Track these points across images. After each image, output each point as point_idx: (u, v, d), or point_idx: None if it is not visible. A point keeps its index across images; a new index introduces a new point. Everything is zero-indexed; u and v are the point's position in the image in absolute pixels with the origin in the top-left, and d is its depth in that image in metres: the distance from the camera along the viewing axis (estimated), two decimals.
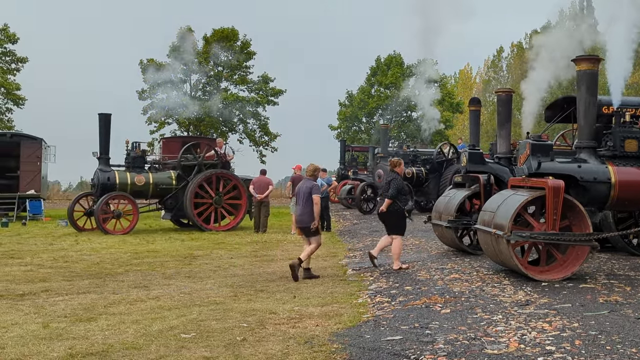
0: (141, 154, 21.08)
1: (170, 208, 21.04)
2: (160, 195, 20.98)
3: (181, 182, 20.73)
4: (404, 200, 11.57)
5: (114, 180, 19.90)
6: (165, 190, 20.75)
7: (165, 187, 20.71)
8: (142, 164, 21.05)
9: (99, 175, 19.89)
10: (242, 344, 6.42)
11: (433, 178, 26.66)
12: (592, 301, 8.00)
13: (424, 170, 27.09)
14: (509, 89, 13.84)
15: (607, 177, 10.15)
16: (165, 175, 20.93)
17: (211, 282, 10.46)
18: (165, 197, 20.86)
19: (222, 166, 21.22)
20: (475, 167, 13.31)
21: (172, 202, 20.87)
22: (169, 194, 20.77)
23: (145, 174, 20.66)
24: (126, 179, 20.15)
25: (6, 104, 38.14)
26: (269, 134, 45.47)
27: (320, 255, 13.88)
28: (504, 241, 9.31)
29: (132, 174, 20.35)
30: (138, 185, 20.21)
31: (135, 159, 20.81)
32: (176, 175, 20.86)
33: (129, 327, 7.23)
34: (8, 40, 37.04)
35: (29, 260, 13.29)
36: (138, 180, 20.23)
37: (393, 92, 48.66)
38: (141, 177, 20.37)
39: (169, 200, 20.84)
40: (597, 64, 10.29)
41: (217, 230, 20.16)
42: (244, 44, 44.62)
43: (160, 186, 20.63)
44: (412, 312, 7.63)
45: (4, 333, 6.97)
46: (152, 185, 20.52)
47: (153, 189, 20.58)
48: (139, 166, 20.87)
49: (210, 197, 20.53)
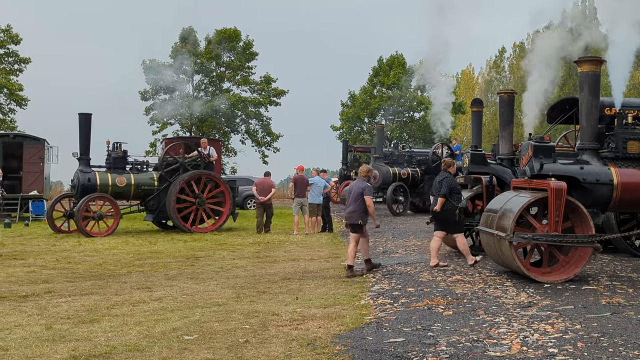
0: (122, 154, 20.56)
1: (152, 209, 20.63)
2: (142, 196, 20.59)
3: (163, 183, 20.42)
4: (457, 199, 11.65)
5: (94, 181, 19.51)
6: (147, 192, 20.37)
7: (147, 188, 20.33)
8: (124, 164, 20.62)
9: (79, 176, 19.47)
10: (244, 345, 6.43)
11: (429, 179, 26.43)
12: (594, 303, 8.01)
13: (419, 170, 27.11)
14: (511, 90, 13.84)
15: (610, 178, 10.15)
16: (147, 176, 20.55)
17: (214, 283, 10.47)
18: (147, 198, 20.47)
19: (205, 167, 20.91)
20: (477, 169, 13.30)
21: (153, 204, 20.48)
22: (151, 195, 20.39)
23: (127, 174, 20.26)
24: (107, 180, 19.78)
25: (9, 105, 38.20)
26: (271, 135, 45.48)
27: (322, 256, 13.91)
28: (507, 243, 9.32)
29: (113, 175, 19.98)
30: (119, 186, 19.83)
31: (117, 160, 20.39)
32: (158, 176, 20.53)
33: (131, 328, 7.24)
34: (11, 40, 37.08)
35: (32, 261, 13.31)
36: (119, 181, 19.86)
37: (395, 92, 48.64)
38: (122, 178, 19.99)
39: (150, 201, 20.46)
40: (599, 66, 10.29)
41: (199, 232, 19.81)
42: (247, 44, 44.65)
43: (142, 187, 20.25)
44: (414, 314, 7.64)
45: (7, 335, 6.99)
46: (134, 186, 20.13)
47: (134, 190, 20.19)
48: (120, 167, 20.45)
49: (194, 198, 20.22)
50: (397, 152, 27.68)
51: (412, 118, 50.33)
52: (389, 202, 25.30)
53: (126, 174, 20.29)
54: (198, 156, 20.97)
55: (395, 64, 49.89)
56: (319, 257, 13.72)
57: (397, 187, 25.72)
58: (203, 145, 21.43)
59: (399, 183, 25.97)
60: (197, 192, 20.20)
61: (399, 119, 50.51)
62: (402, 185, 26.08)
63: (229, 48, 44.38)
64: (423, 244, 15.17)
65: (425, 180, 26.74)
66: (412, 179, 26.75)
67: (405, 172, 26.70)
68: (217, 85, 44.98)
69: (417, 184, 27.05)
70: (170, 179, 20.37)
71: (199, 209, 20.31)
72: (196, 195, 20.19)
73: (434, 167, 26.54)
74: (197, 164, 20.85)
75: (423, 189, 26.88)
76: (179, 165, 20.57)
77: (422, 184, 26.94)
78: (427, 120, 48.06)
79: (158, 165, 20.84)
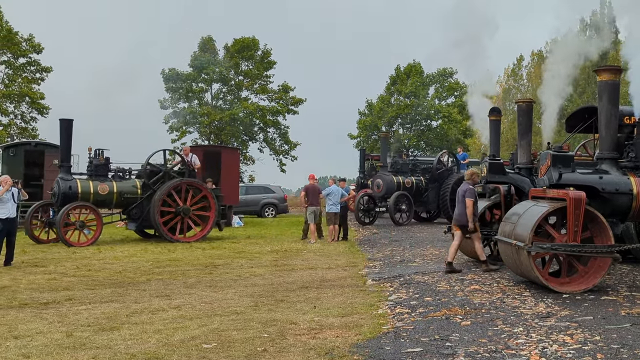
0: (104, 161, 20.01)
1: (135, 218, 20.08)
2: (125, 204, 20.07)
3: (146, 191, 19.96)
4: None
5: (75, 189, 18.98)
6: (129, 200, 19.88)
7: (130, 197, 19.85)
8: (106, 172, 20.08)
9: (60, 184, 18.97)
10: (262, 354, 6.46)
11: (433, 188, 26.27)
12: (614, 314, 7.96)
13: (424, 179, 26.67)
14: (530, 99, 13.77)
15: (629, 188, 10.09)
16: (130, 184, 20.10)
17: (232, 291, 10.52)
18: (130, 206, 19.97)
19: (189, 175, 20.54)
20: (495, 178, 13.25)
21: (137, 212, 19.97)
22: (134, 203, 19.89)
23: (109, 182, 19.77)
24: (89, 188, 19.27)
25: (31, 113, 38.64)
26: (289, 143, 45.68)
27: (339, 265, 13.92)
28: (525, 252, 9.28)
29: (95, 183, 19.48)
30: (101, 194, 19.35)
31: (98, 167, 19.87)
32: (141, 184, 20.08)
33: (151, 336, 7.30)
34: (33, 50, 37.55)
35: (52, 268, 13.45)
36: (101, 189, 19.37)
37: (413, 101, 48.61)
38: (104, 186, 19.51)
39: (133, 209, 19.95)
40: (618, 75, 10.25)
41: (183, 242, 19.33)
42: (265, 53, 44.92)
43: (125, 195, 19.78)
44: (432, 324, 7.64)
45: (28, 342, 7.08)
46: (116, 195, 19.64)
47: (117, 198, 19.70)
48: (102, 174, 19.93)
49: (178, 206, 19.77)
50: (401, 161, 27.17)
51: (430, 126, 50.25)
52: (391, 212, 24.79)
53: (108, 181, 19.84)
54: (182, 164, 20.59)
55: (413, 72, 49.89)
56: (336, 266, 13.74)
57: (400, 196, 25.14)
58: (185, 152, 21.08)
59: (401, 192, 25.37)
60: (178, 202, 19.74)
61: (417, 127, 50.46)
62: (406, 194, 25.50)
63: (247, 57, 44.67)
64: (440, 253, 15.13)
65: (430, 189, 26.39)
66: (416, 188, 26.22)
67: (409, 181, 26.17)
68: (235, 93, 45.26)
69: (422, 193, 26.50)
70: (154, 187, 19.95)
71: (184, 217, 19.81)
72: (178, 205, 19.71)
73: (438, 175, 26.44)
74: (182, 171, 20.53)
75: (427, 198, 26.47)
76: (162, 173, 20.13)
77: (427, 193, 26.48)
78: (444, 128, 48.03)
79: (141, 173, 20.42)
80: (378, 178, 26.03)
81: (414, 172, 27.00)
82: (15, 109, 38.19)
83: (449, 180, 26.02)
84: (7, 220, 13.74)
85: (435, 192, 26.27)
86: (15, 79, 37.99)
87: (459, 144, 48.36)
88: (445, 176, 26.38)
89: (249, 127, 44.69)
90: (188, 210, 19.88)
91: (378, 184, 25.69)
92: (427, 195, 26.43)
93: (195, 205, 20.17)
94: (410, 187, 25.99)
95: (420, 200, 26.45)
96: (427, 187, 26.50)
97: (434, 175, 26.51)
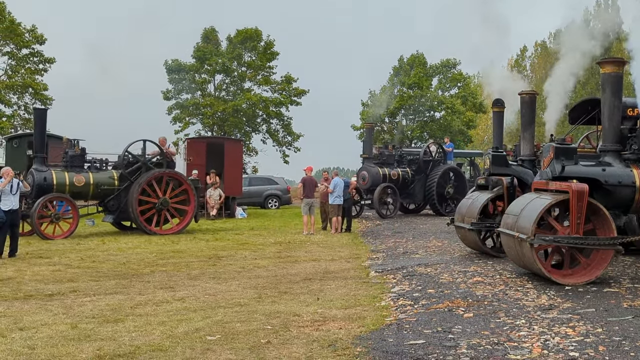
0: (80, 152, 19.45)
1: (112, 210, 19.73)
2: (102, 196, 19.64)
3: (124, 182, 19.56)
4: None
5: (50, 181, 18.40)
6: (106, 191, 19.45)
7: (107, 188, 19.40)
8: (82, 163, 19.54)
9: (35, 175, 18.37)
10: (266, 346, 6.51)
11: (419, 179, 25.99)
12: (616, 306, 7.99)
13: (410, 171, 26.35)
14: (533, 91, 13.78)
15: (632, 180, 10.11)
16: (107, 175, 19.61)
17: (236, 283, 10.57)
18: (107, 198, 19.56)
19: (167, 165, 20.17)
20: (498, 170, 13.28)
21: (114, 204, 19.61)
22: (111, 194, 19.48)
23: (85, 173, 19.23)
24: (64, 179, 18.70)
25: (34, 104, 38.65)
26: (292, 134, 45.67)
27: (343, 256, 13.97)
28: (527, 244, 9.30)
29: (70, 174, 18.89)
30: (77, 185, 18.80)
31: (74, 158, 19.31)
32: (118, 175, 19.65)
33: (155, 328, 7.35)
34: (36, 41, 37.52)
35: (57, 260, 13.51)
36: (77, 181, 18.81)
37: (416, 92, 48.50)
38: (80, 177, 18.96)
39: (110, 201, 19.56)
40: (622, 67, 10.24)
41: (162, 234, 19.05)
42: (268, 44, 44.84)
43: (102, 187, 19.31)
44: (434, 316, 7.68)
45: (34, 333, 7.13)
46: (93, 186, 19.16)
47: (93, 189, 19.22)
48: (78, 165, 19.37)
49: (157, 198, 19.44)
50: (387, 152, 26.66)
51: (433, 118, 50.16)
52: (376, 205, 24.56)
53: (85, 172, 19.32)
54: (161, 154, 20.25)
55: (416, 63, 49.76)
56: (339, 258, 13.79)
57: (385, 188, 24.90)
58: (162, 142, 20.62)
59: (387, 184, 25.08)
60: (158, 193, 19.44)
61: (420, 118, 50.37)
62: (391, 186, 25.31)
63: (250, 48, 44.62)
64: (443, 245, 15.17)
65: (416, 180, 26.10)
66: (402, 180, 25.91)
67: (395, 172, 25.83)
68: (238, 85, 45.25)
69: (408, 185, 26.22)
70: (132, 178, 19.58)
71: (162, 210, 19.53)
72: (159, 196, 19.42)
73: (425, 166, 26.12)
74: (160, 162, 20.18)
75: (414, 190, 26.19)
76: (140, 164, 19.76)
77: (413, 184, 26.19)
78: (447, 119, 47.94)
79: (118, 164, 20.00)
80: (363, 170, 25.67)
81: (400, 163, 26.66)
82: (19, 100, 38.20)
83: (435, 171, 25.83)
84: (9, 212, 13.79)
85: (422, 183, 26.00)
86: (18, 70, 37.99)
87: (461, 135, 48.36)
88: (432, 167, 26.15)
89: (252, 118, 44.69)
90: (167, 202, 19.59)
91: (363, 176, 25.32)
92: (414, 187, 26.16)
93: (175, 197, 19.87)
94: (396, 178, 25.70)
95: (406, 192, 26.18)
96: (414, 179, 26.21)
97: (421, 166, 26.22)
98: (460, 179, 26.96)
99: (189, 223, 20.22)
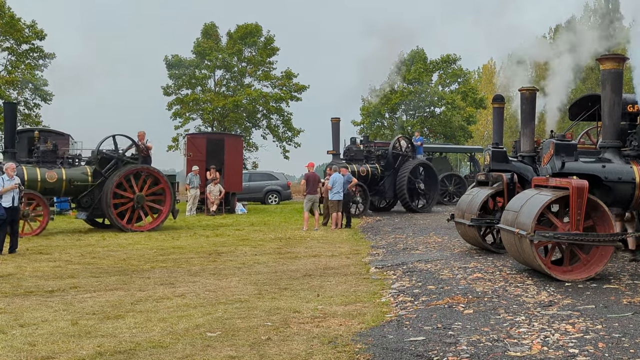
0: (52, 147, 18.94)
1: (86, 206, 19.15)
2: (75, 192, 19.05)
3: (98, 178, 19.04)
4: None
5: (21, 177, 17.30)
6: (79, 188, 18.87)
7: (80, 184, 18.84)
8: (54, 158, 18.94)
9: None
10: (266, 343, 6.52)
11: (389, 175, 24.99)
12: (615, 302, 8.00)
13: (379, 167, 25.19)
14: (533, 87, 13.77)
15: (632, 177, 10.11)
16: (80, 171, 19.05)
17: (236, 279, 10.58)
18: (80, 194, 18.96)
19: (143, 161, 19.66)
20: (498, 166, 13.27)
21: (87, 200, 19.00)
22: (84, 191, 18.90)
23: (58, 169, 18.62)
24: (36, 175, 18.13)
25: (34, 100, 38.63)
26: (292, 130, 45.68)
27: (343, 252, 13.97)
28: (527, 241, 9.31)
29: (42, 170, 18.31)
30: (49, 181, 18.20)
31: (46, 153, 18.75)
32: (92, 171, 19.10)
33: (155, 325, 7.36)
34: (36, 36, 37.45)
35: (57, 256, 13.52)
36: (49, 177, 18.21)
37: (416, 87, 48.49)
38: (53, 173, 18.37)
39: (84, 198, 18.96)
40: (622, 63, 10.23)
41: (137, 231, 18.71)
42: (268, 39, 44.81)
43: (75, 183, 18.74)
44: (435, 312, 7.69)
45: (34, 330, 7.14)
46: (65, 182, 18.56)
47: (66, 186, 18.63)
48: (50, 161, 18.79)
49: (133, 193, 19.01)
50: (355, 148, 25.48)
51: (433, 113, 50.15)
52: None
53: (57, 168, 18.72)
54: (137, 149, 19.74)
55: (416, 59, 49.72)
56: (339, 254, 13.79)
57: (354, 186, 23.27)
58: (140, 137, 20.11)
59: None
60: (135, 188, 19.04)
61: (420, 114, 50.37)
62: (360, 184, 23.57)
63: (250, 43, 44.61)
64: (444, 241, 15.18)
65: (386, 176, 24.99)
66: (371, 177, 24.72)
67: (364, 169, 24.59)
68: (238, 80, 45.24)
69: (378, 182, 25.07)
70: (106, 174, 19.08)
71: (138, 206, 19.12)
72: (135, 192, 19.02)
73: (394, 161, 25.07)
74: (135, 157, 19.66)
75: (384, 187, 25.03)
76: (115, 160, 19.25)
77: (383, 181, 25.04)
78: (447, 115, 47.93)
79: (92, 159, 19.55)
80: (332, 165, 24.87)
81: (368, 159, 25.49)
82: (19, 95, 38.16)
83: (405, 166, 24.89)
84: (9, 209, 13.78)
85: (392, 179, 24.99)
86: (18, 66, 37.93)
87: (462, 131, 48.36)
88: (402, 162, 25.18)
89: (252, 113, 44.71)
90: (142, 199, 19.19)
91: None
92: (383, 184, 25.03)
93: (152, 194, 19.55)
94: (365, 175, 24.49)
95: (376, 189, 25.09)
96: (383, 175, 25.08)
97: (390, 162, 25.14)
98: (431, 174, 26.05)
99: (165, 220, 19.76)
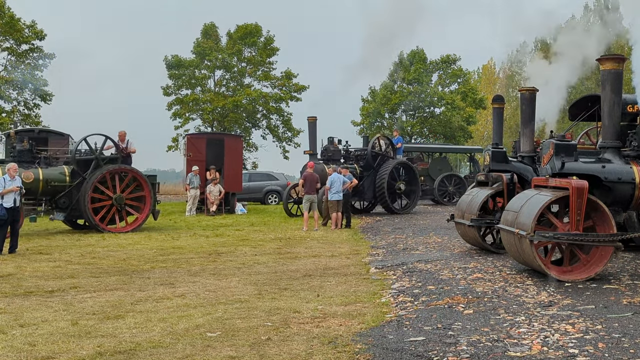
0: (29, 146, 18.56)
1: (63, 207, 18.67)
2: (52, 193, 18.49)
3: (76, 178, 18.59)
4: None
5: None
6: (57, 188, 18.39)
7: (58, 184, 18.37)
8: (31, 158, 18.56)
9: None
10: (266, 343, 6.52)
11: (368, 176, 24.36)
12: (615, 302, 8.00)
13: (358, 167, 24.57)
14: (533, 88, 13.76)
15: (632, 177, 10.11)
16: (57, 171, 18.59)
17: (236, 279, 10.58)
18: (58, 195, 18.46)
19: (122, 161, 19.15)
20: (498, 166, 13.28)
21: (65, 201, 18.52)
22: (62, 191, 18.41)
23: (34, 169, 18.20)
24: None
25: (34, 100, 38.62)
26: (292, 130, 45.72)
27: (343, 253, 13.97)
28: (527, 241, 9.31)
29: (18, 170, 17.41)
30: (26, 182, 17.27)
31: (22, 153, 18.38)
32: (70, 171, 18.65)
33: (155, 325, 7.36)
34: (35, 36, 37.44)
35: (57, 256, 13.52)
36: (25, 177, 17.53)
37: (416, 87, 48.51)
38: (29, 173, 17.87)
39: (61, 198, 18.46)
40: (622, 64, 10.23)
41: (117, 232, 18.30)
42: (267, 40, 44.84)
43: (52, 183, 18.28)
44: (435, 312, 7.69)
45: (34, 330, 7.14)
46: (42, 182, 18.11)
47: (43, 186, 18.15)
48: (27, 160, 18.39)
49: (112, 194, 18.63)
50: (332, 148, 24.79)
51: (433, 113, 50.17)
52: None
53: (34, 168, 18.31)
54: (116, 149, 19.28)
55: (416, 59, 49.73)
56: (339, 254, 13.79)
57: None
58: (121, 137, 19.64)
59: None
60: (117, 189, 18.68)
61: (420, 114, 50.39)
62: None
63: (250, 43, 44.64)
64: (444, 241, 15.18)
65: (365, 177, 24.38)
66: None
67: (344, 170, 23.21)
68: (238, 80, 45.28)
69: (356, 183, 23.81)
70: (84, 174, 18.60)
71: (116, 206, 18.72)
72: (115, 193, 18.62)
73: (373, 162, 24.52)
74: (114, 157, 19.16)
75: (363, 188, 24.31)
76: (94, 159, 18.77)
77: (362, 182, 24.04)
78: (447, 115, 47.95)
79: (70, 159, 19.05)
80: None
81: (347, 159, 25.02)
82: (19, 95, 38.16)
83: (385, 166, 24.34)
84: (10, 209, 13.78)
85: (371, 180, 24.40)
86: (18, 66, 37.92)
87: (461, 131, 48.37)
88: (381, 162, 24.63)
89: (252, 114, 44.74)
90: (122, 199, 18.79)
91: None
92: (362, 185, 24.29)
93: (130, 194, 19.11)
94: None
95: (354, 190, 23.64)
96: (362, 176, 24.44)
97: (369, 162, 24.59)
98: (411, 174, 25.46)
99: (145, 221, 19.44)
